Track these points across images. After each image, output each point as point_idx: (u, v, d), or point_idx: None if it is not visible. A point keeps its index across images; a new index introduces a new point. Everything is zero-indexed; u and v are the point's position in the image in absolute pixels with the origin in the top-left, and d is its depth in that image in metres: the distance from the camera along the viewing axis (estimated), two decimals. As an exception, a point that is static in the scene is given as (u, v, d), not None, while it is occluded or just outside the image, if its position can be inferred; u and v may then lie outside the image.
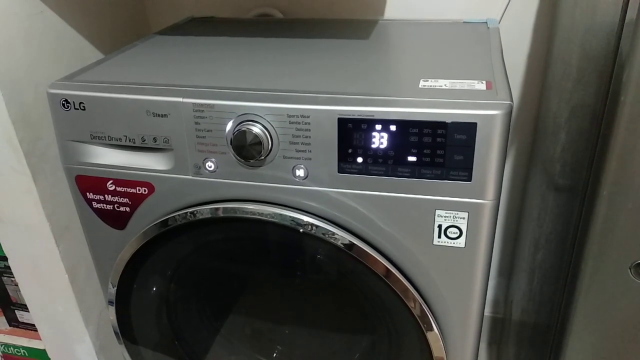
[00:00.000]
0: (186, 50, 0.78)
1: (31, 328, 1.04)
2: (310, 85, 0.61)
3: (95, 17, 0.92)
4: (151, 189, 0.67)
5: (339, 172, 0.59)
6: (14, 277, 0.93)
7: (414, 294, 0.63)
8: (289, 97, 0.59)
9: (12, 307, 1.05)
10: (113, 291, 0.75)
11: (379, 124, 0.56)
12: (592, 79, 0.54)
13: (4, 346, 1.06)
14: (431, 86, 0.59)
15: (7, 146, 0.76)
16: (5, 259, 0.90)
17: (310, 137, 0.58)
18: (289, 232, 0.63)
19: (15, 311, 1.05)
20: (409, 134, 0.56)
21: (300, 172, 0.60)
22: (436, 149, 0.56)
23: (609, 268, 0.50)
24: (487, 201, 0.57)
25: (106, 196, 0.70)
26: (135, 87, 0.64)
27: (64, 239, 0.85)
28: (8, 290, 1.03)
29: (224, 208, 0.64)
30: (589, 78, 0.56)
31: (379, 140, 0.57)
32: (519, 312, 0.93)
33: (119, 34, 1.00)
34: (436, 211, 0.59)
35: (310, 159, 0.59)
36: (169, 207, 0.68)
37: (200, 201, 0.66)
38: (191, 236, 0.69)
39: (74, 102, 0.65)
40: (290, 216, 0.62)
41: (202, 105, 0.60)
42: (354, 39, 0.80)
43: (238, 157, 0.61)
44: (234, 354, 0.87)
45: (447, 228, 0.59)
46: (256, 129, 0.59)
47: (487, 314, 1.28)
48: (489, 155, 0.55)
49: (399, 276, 0.62)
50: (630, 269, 0.50)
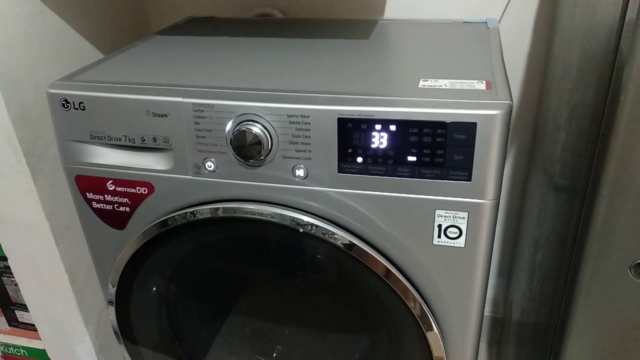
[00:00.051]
0: (186, 50, 0.78)
1: (31, 328, 1.04)
2: (310, 85, 0.61)
3: (95, 17, 0.92)
4: (151, 189, 0.67)
5: (338, 172, 0.59)
6: (14, 277, 0.93)
7: (413, 294, 0.63)
8: (288, 97, 0.59)
9: (12, 307, 1.05)
10: (113, 291, 0.75)
11: (378, 123, 0.56)
12: (592, 79, 0.54)
13: (4, 346, 1.06)
14: (431, 86, 0.59)
15: (7, 146, 0.76)
16: (5, 259, 0.90)
17: (310, 137, 0.58)
18: (289, 232, 0.63)
19: (15, 311, 1.05)
20: (409, 133, 0.56)
21: (300, 172, 0.60)
22: (436, 149, 0.56)
23: (609, 268, 0.50)
24: (487, 201, 0.57)
25: (106, 196, 0.70)
26: (135, 87, 0.64)
27: (63, 239, 0.85)
28: (8, 290, 1.03)
29: (223, 208, 0.64)
30: (589, 78, 0.56)
31: (379, 140, 0.57)
32: (518, 312, 0.93)
33: (119, 34, 1.00)
34: (436, 211, 0.59)
35: (310, 158, 0.59)
36: (169, 207, 0.68)
37: (200, 201, 0.66)
38: (191, 236, 0.69)
39: (73, 102, 0.65)
40: (290, 216, 0.62)
41: (202, 105, 0.60)
42: (354, 38, 0.80)
43: (238, 157, 0.61)
44: (234, 354, 0.87)
45: (447, 228, 0.59)
46: (256, 128, 0.59)
47: (487, 313, 1.28)
48: (488, 155, 0.55)
49: (398, 276, 0.62)
50: (630, 268, 0.50)
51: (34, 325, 0.98)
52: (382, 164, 0.58)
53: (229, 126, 0.60)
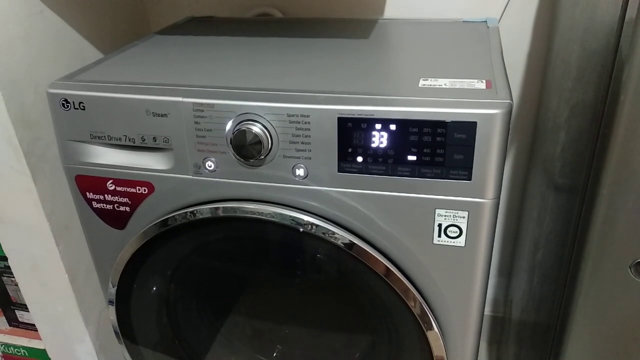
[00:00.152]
0: (186, 50, 0.78)
1: (31, 328, 1.04)
2: (310, 85, 0.61)
3: (95, 17, 0.92)
4: (151, 188, 0.67)
5: (339, 172, 0.59)
6: (14, 277, 0.93)
7: (414, 293, 0.63)
8: (288, 96, 0.59)
9: (12, 307, 1.05)
10: (113, 291, 0.75)
11: (378, 123, 0.56)
12: (592, 79, 0.54)
13: (4, 346, 1.06)
14: (431, 85, 0.59)
15: (7, 146, 0.76)
16: (5, 259, 0.90)
17: (310, 136, 0.58)
18: (289, 231, 0.63)
19: (15, 311, 1.05)
20: (409, 133, 0.56)
21: (300, 172, 0.60)
22: (436, 148, 0.56)
23: (609, 267, 0.50)
24: (487, 200, 0.57)
25: (106, 196, 0.70)
26: (135, 86, 0.64)
27: (63, 238, 0.85)
28: (8, 290, 1.03)
29: (223, 207, 0.64)
30: (589, 77, 0.56)
31: (379, 139, 0.57)
32: (519, 312, 0.93)
33: (119, 34, 1.00)
34: (436, 210, 0.59)
35: (310, 158, 0.59)
36: (169, 206, 0.68)
37: (200, 201, 0.66)
38: (191, 236, 0.69)
39: (73, 102, 0.65)
40: (290, 215, 0.62)
41: (202, 104, 0.60)
42: (353, 38, 0.80)
43: (238, 157, 0.61)
44: (234, 353, 0.87)
45: (447, 227, 0.59)
46: (256, 128, 0.59)
47: (487, 313, 1.28)
48: (488, 154, 0.55)
49: (399, 275, 0.62)
50: (630, 268, 0.50)
51: (34, 325, 0.98)
52: (382, 164, 0.58)
53: (229, 126, 0.60)
